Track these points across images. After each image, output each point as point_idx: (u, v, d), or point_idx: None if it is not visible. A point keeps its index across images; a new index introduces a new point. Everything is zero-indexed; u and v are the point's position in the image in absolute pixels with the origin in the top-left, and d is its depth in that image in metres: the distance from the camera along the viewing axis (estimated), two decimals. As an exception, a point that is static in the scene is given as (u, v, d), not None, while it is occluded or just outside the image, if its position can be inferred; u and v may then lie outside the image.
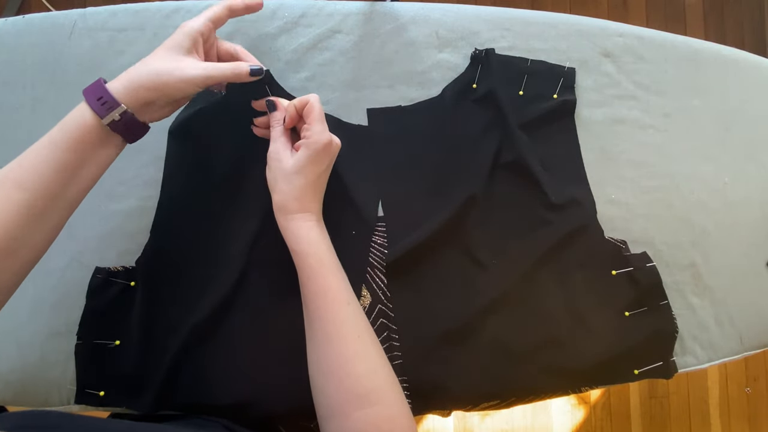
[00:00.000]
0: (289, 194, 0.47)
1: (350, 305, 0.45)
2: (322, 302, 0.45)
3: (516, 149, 0.55)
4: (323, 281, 0.45)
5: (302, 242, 0.46)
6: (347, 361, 0.42)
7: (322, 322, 0.44)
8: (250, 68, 0.47)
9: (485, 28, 0.59)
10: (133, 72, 0.44)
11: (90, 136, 0.42)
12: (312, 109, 0.47)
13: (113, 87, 0.43)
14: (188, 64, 0.45)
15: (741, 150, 0.64)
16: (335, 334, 0.43)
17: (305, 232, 0.47)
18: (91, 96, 0.42)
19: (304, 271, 0.46)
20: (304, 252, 0.46)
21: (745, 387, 1.56)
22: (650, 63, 0.61)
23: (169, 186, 0.54)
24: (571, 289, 0.55)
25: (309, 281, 0.46)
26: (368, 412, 0.40)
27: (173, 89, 0.44)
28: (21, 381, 0.52)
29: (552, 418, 1.47)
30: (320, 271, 0.45)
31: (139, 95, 0.43)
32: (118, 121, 0.43)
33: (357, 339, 0.43)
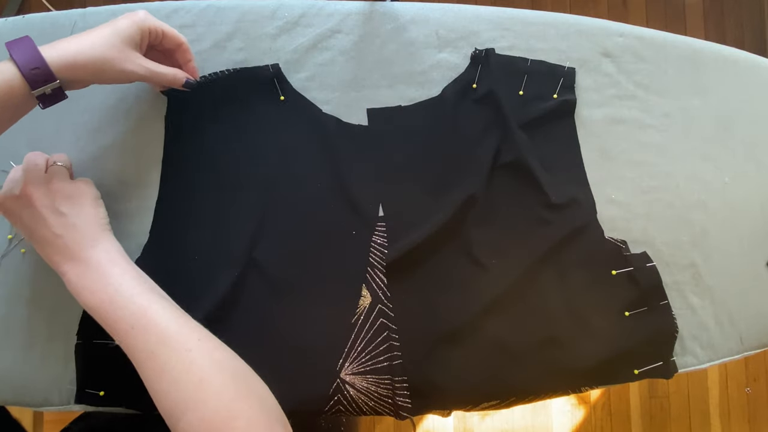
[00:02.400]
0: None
1: (134, 329, 0.41)
2: (114, 335, 0.42)
3: (516, 149, 0.55)
4: (105, 322, 0.42)
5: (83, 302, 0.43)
6: (151, 380, 0.40)
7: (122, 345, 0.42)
8: (186, 81, 0.50)
9: (485, 28, 0.59)
10: (75, 49, 0.42)
11: (12, 99, 0.41)
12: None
13: (50, 58, 0.41)
14: (132, 58, 0.45)
15: (741, 150, 0.64)
16: (135, 360, 0.41)
17: (77, 291, 0.43)
18: (25, 62, 0.40)
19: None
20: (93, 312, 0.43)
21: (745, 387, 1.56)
22: (650, 63, 0.61)
23: (167, 186, 0.54)
24: (571, 289, 0.55)
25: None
26: (185, 421, 0.38)
27: (109, 77, 0.45)
28: (21, 381, 0.52)
29: (552, 418, 1.47)
30: (97, 315, 0.42)
31: (74, 74, 0.42)
32: (47, 94, 0.42)
33: (149, 357, 0.40)
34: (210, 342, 0.43)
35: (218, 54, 0.56)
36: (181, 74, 0.50)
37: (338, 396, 0.51)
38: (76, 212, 0.45)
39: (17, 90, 0.40)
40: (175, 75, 0.49)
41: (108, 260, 0.44)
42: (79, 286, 0.43)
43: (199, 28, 0.56)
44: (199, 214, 0.53)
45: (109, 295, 0.42)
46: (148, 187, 0.54)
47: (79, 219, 0.45)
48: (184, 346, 0.41)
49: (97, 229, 0.46)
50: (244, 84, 0.55)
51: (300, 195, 0.54)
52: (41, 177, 0.45)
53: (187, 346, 0.41)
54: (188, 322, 0.43)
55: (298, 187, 0.54)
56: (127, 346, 0.41)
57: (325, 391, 0.51)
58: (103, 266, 0.44)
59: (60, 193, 0.45)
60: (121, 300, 0.42)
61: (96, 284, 0.43)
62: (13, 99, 0.41)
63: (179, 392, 0.39)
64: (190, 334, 0.42)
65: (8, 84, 0.40)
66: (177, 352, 0.41)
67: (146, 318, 0.41)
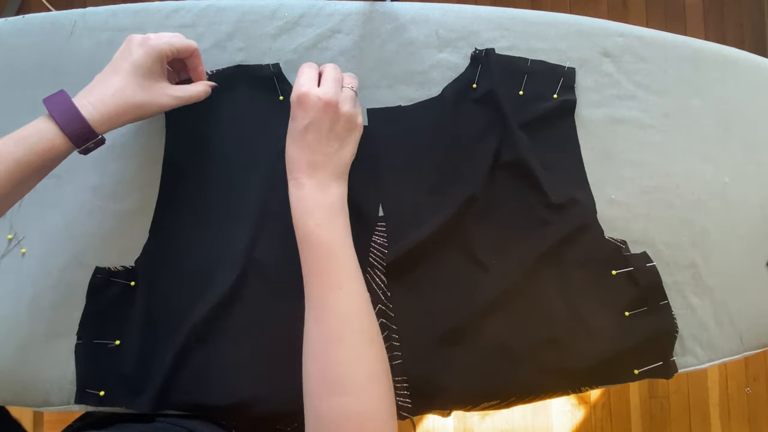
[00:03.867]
0: (286, 160, 0.46)
1: (342, 289, 0.43)
2: (312, 282, 0.43)
3: (516, 149, 0.55)
4: (312, 260, 0.44)
5: (295, 212, 0.45)
6: (326, 343, 0.41)
7: (311, 303, 0.43)
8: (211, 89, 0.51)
9: (485, 28, 0.59)
10: (110, 100, 0.43)
11: (56, 158, 0.43)
12: (299, 70, 0.48)
13: (91, 116, 0.43)
14: (161, 92, 0.46)
15: (741, 150, 0.64)
16: (320, 317, 0.42)
17: (293, 203, 0.45)
18: (66, 122, 0.42)
19: (299, 246, 0.45)
20: (295, 225, 0.45)
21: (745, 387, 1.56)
22: (650, 63, 0.61)
23: (167, 186, 0.54)
24: (571, 289, 0.55)
25: (301, 256, 0.44)
26: (339, 401, 0.39)
27: (144, 116, 0.46)
28: (21, 381, 0.52)
29: (552, 418, 1.47)
30: (308, 250, 0.44)
31: (114, 122, 0.44)
32: (90, 147, 0.44)
33: (341, 324, 0.41)
34: (383, 344, 0.44)
35: (218, 54, 0.56)
36: (205, 87, 0.51)
37: None
38: (346, 143, 0.48)
39: (59, 148, 0.42)
40: (205, 91, 0.50)
41: (342, 207, 0.46)
42: (309, 206, 0.44)
43: (199, 28, 0.56)
44: (199, 214, 0.53)
45: (332, 237, 0.44)
46: (148, 187, 0.54)
47: (344, 151, 0.47)
48: (371, 332, 0.43)
49: (345, 169, 0.48)
50: (243, 83, 0.55)
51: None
52: (340, 89, 0.47)
53: (371, 335, 0.43)
54: (373, 312, 0.45)
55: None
56: (321, 295, 0.43)
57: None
58: (340, 205, 0.46)
59: (348, 119, 0.47)
60: (342, 249, 0.44)
61: (329, 214, 0.45)
62: (56, 156, 0.43)
63: (349, 369, 0.40)
64: (377, 324, 0.44)
65: (50, 143, 0.42)
66: (362, 334, 0.42)
67: (355, 284, 0.44)
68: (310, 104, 0.45)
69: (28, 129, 0.42)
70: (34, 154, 0.41)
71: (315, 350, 0.41)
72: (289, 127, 0.47)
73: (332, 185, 0.46)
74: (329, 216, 0.45)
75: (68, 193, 0.54)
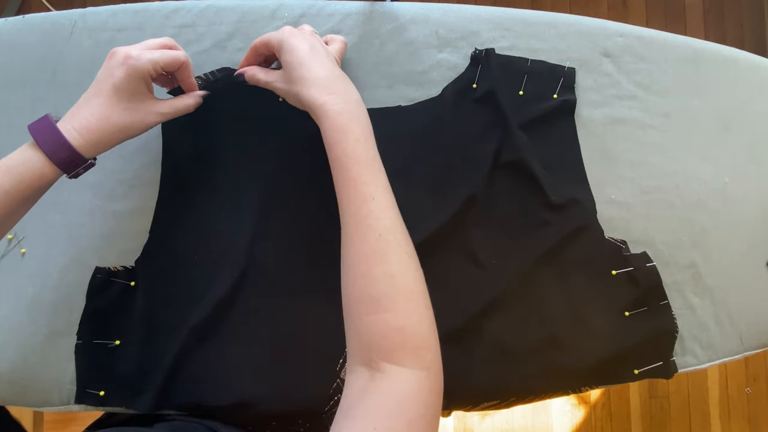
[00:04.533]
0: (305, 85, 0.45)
1: (375, 200, 0.41)
2: (345, 195, 0.42)
3: (516, 149, 0.55)
4: (346, 173, 0.42)
5: (331, 126, 0.43)
6: (364, 260, 0.40)
7: (345, 217, 0.42)
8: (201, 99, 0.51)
9: (485, 28, 0.59)
10: (93, 126, 0.43)
11: (46, 185, 0.44)
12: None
13: (77, 143, 0.42)
14: (147, 110, 0.46)
15: (741, 150, 0.64)
16: (355, 231, 0.41)
17: (333, 114, 0.43)
18: (55, 153, 0.42)
19: (331, 163, 0.44)
20: (332, 139, 0.43)
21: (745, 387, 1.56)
22: (650, 63, 0.61)
23: (167, 186, 0.54)
24: (571, 289, 0.55)
25: (334, 172, 0.43)
26: (379, 318, 0.38)
27: (134, 135, 0.46)
28: (21, 381, 0.52)
29: (552, 418, 1.47)
30: (344, 161, 0.43)
31: (101, 146, 0.44)
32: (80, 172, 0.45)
33: (377, 238, 0.40)
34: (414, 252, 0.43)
35: (218, 54, 0.56)
36: (195, 99, 0.50)
37: (338, 396, 0.51)
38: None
39: (48, 176, 0.43)
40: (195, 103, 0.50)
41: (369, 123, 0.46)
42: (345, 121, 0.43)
43: (199, 28, 0.56)
44: (199, 214, 0.53)
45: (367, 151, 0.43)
46: (148, 187, 0.54)
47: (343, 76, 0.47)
48: (407, 248, 0.42)
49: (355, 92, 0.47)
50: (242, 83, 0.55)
51: (299, 195, 0.54)
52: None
53: (408, 250, 0.42)
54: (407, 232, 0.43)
55: (298, 187, 0.54)
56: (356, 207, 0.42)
57: (325, 391, 0.51)
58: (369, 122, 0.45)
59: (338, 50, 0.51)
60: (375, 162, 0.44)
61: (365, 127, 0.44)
62: (46, 183, 0.43)
63: (387, 286, 0.39)
64: (411, 243, 0.43)
65: (39, 172, 0.42)
66: (399, 248, 0.41)
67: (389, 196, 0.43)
68: (302, 32, 0.47)
69: (14, 159, 0.42)
70: (22, 183, 0.41)
71: (352, 267, 0.41)
72: (293, 56, 0.45)
73: (357, 95, 0.46)
74: (366, 130, 0.44)
75: (68, 193, 0.54)
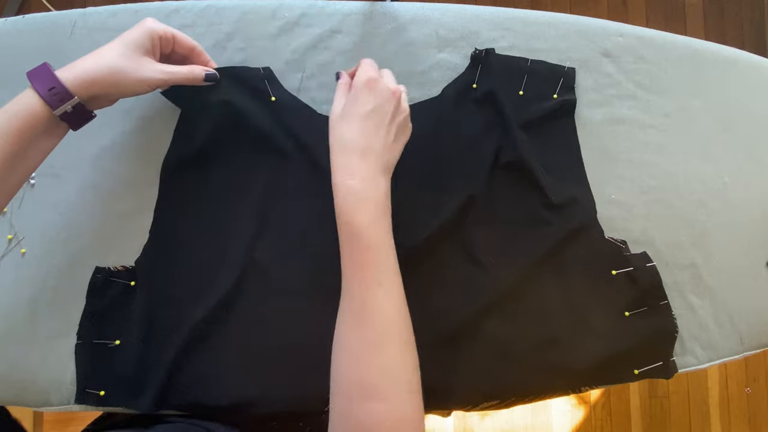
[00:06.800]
0: (334, 142, 0.44)
1: (382, 287, 0.41)
2: (352, 277, 0.41)
3: (516, 149, 0.55)
4: (356, 255, 0.42)
5: (343, 204, 0.42)
6: (362, 347, 0.40)
7: (352, 301, 0.41)
8: (205, 74, 0.50)
9: (485, 28, 0.59)
10: (88, 64, 0.43)
11: (38, 125, 0.42)
12: (362, 60, 0.47)
13: (65, 78, 0.42)
14: (145, 65, 0.45)
15: (741, 150, 0.64)
16: (356, 316, 0.41)
17: (342, 193, 0.42)
18: (41, 85, 0.42)
19: (339, 240, 0.43)
20: (342, 218, 0.42)
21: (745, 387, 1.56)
22: (650, 63, 0.61)
23: (168, 186, 0.54)
24: (571, 289, 0.55)
25: (342, 251, 0.42)
26: (372, 407, 0.38)
27: (127, 88, 0.45)
28: (21, 381, 0.52)
29: (552, 418, 1.47)
30: (351, 244, 0.42)
31: (92, 89, 0.43)
32: (69, 112, 0.43)
33: (383, 327, 0.40)
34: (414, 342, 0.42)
35: (218, 54, 0.56)
36: (198, 69, 0.49)
37: None
38: (398, 140, 0.47)
39: (40, 113, 0.42)
40: (192, 71, 0.49)
41: (387, 204, 0.44)
42: (359, 199, 0.42)
43: (199, 28, 0.56)
44: (198, 214, 0.53)
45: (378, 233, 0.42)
46: (148, 187, 0.54)
47: (396, 146, 0.47)
48: (409, 338, 0.41)
49: (392, 166, 0.46)
50: (236, 84, 0.54)
51: (298, 195, 0.54)
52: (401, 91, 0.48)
53: (410, 340, 0.41)
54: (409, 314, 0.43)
55: (297, 187, 0.54)
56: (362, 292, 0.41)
57: (325, 391, 0.51)
58: (387, 201, 0.44)
59: (406, 117, 0.48)
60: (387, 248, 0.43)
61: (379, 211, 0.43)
62: (37, 123, 0.42)
63: (386, 376, 0.39)
64: (411, 326, 0.42)
65: (30, 108, 0.42)
66: (401, 339, 0.41)
67: (396, 283, 0.42)
68: (378, 89, 0.45)
69: (11, 101, 0.42)
70: (15, 119, 0.41)
71: (353, 353, 0.40)
72: (346, 110, 0.45)
73: (381, 179, 0.44)
74: (377, 212, 0.43)
75: (68, 193, 0.54)
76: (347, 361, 0.40)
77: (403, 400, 0.39)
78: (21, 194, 0.54)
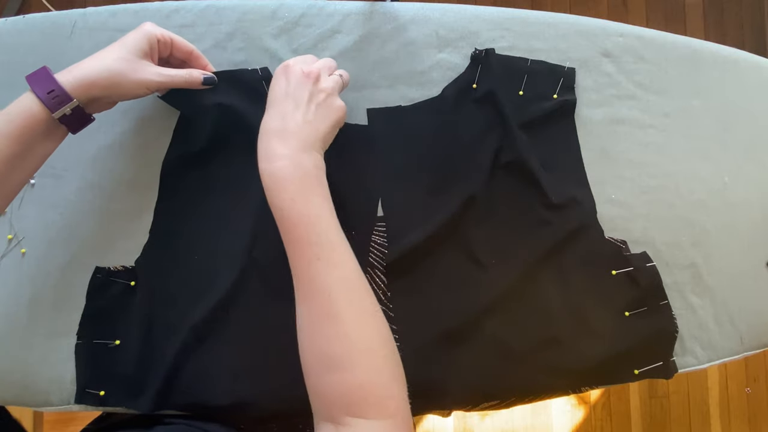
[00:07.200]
0: (259, 133, 0.44)
1: (320, 260, 0.41)
2: (291, 256, 0.42)
3: (516, 149, 0.55)
4: (287, 234, 0.42)
5: (267, 188, 0.43)
6: (317, 321, 0.40)
7: (296, 279, 0.42)
8: (203, 78, 0.50)
9: (485, 28, 0.59)
10: (87, 67, 0.44)
11: (38, 127, 0.43)
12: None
13: (64, 80, 0.42)
14: (144, 67, 0.46)
15: (741, 150, 0.64)
16: (304, 293, 0.41)
17: (264, 179, 0.43)
18: (40, 88, 0.42)
19: (276, 222, 0.43)
20: (269, 200, 0.43)
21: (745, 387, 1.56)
22: (650, 63, 0.61)
23: (167, 186, 0.54)
24: (571, 289, 0.55)
25: (281, 233, 0.43)
26: (337, 377, 0.38)
27: (125, 90, 0.45)
28: (21, 381, 0.52)
29: (552, 418, 1.47)
30: (282, 224, 0.42)
31: (91, 92, 0.43)
32: (68, 115, 0.43)
33: (327, 299, 0.40)
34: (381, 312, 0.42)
35: (218, 54, 0.56)
36: (196, 72, 0.50)
37: None
38: (321, 119, 0.46)
39: (39, 116, 0.42)
40: (191, 74, 0.49)
41: (317, 180, 0.44)
42: (280, 180, 0.42)
43: (199, 28, 0.56)
44: (199, 214, 0.54)
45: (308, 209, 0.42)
46: (148, 187, 0.54)
47: (318, 124, 0.45)
48: (364, 304, 0.41)
49: (319, 143, 0.46)
50: (234, 85, 0.54)
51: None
52: (327, 74, 0.48)
53: (365, 306, 0.41)
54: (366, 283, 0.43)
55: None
56: (303, 269, 0.41)
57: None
58: (314, 177, 0.44)
59: (328, 96, 0.46)
60: (318, 220, 0.42)
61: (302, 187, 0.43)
62: (37, 125, 0.42)
63: (341, 345, 0.39)
64: (370, 295, 0.42)
65: (29, 111, 0.42)
66: (356, 304, 0.40)
67: (336, 254, 0.42)
68: (292, 72, 0.45)
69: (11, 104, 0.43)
70: (13, 123, 0.41)
71: (306, 328, 0.41)
72: (269, 97, 0.46)
73: (304, 157, 0.43)
74: (302, 188, 0.43)
75: (68, 193, 0.54)
76: (304, 337, 0.41)
77: (367, 366, 0.39)
78: (21, 194, 0.54)
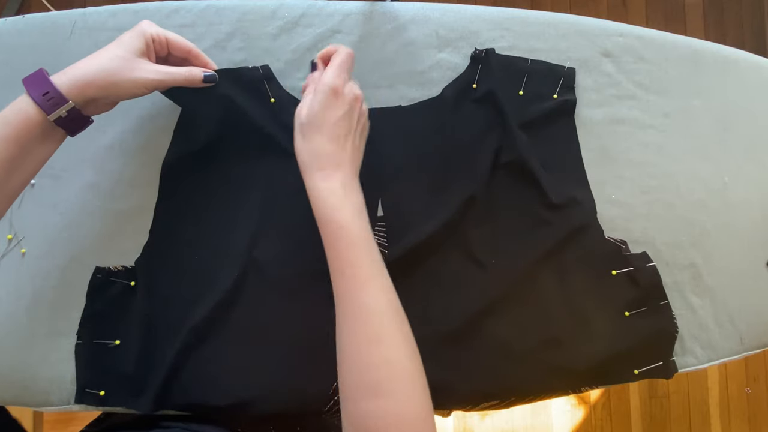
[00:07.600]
0: (304, 150, 0.44)
1: (372, 283, 0.41)
2: (341, 279, 0.41)
3: (516, 149, 0.55)
4: (342, 254, 0.42)
5: (323, 205, 0.43)
6: (361, 345, 0.39)
7: (341, 301, 0.41)
8: (204, 75, 0.48)
9: (485, 28, 0.59)
10: (82, 68, 0.43)
11: (34, 130, 0.42)
12: (335, 55, 0.46)
13: (59, 82, 0.42)
14: (141, 66, 0.45)
15: (741, 150, 0.64)
16: (352, 315, 0.40)
17: (324, 194, 0.43)
18: (35, 90, 0.41)
19: (324, 242, 0.43)
20: (321, 219, 0.42)
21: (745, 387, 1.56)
22: (650, 63, 0.61)
23: (167, 185, 0.54)
24: (571, 289, 0.55)
25: (328, 253, 0.42)
26: (376, 404, 0.37)
27: (122, 90, 0.44)
28: (21, 381, 0.52)
29: (552, 418, 1.47)
30: (338, 243, 0.42)
31: (87, 93, 0.43)
32: (64, 117, 0.43)
33: (375, 322, 0.40)
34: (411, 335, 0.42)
35: (218, 54, 0.56)
36: (197, 70, 0.48)
37: (338, 396, 0.51)
38: (362, 142, 0.48)
39: (34, 118, 0.42)
40: (191, 71, 0.48)
41: (363, 206, 0.45)
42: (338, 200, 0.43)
43: (199, 28, 0.56)
44: (199, 214, 0.54)
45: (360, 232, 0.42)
46: (148, 187, 0.54)
47: (362, 147, 0.48)
48: (404, 330, 0.41)
49: (359, 168, 0.47)
50: (235, 85, 0.54)
51: (298, 195, 0.54)
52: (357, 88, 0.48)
53: (405, 332, 0.41)
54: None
55: (297, 187, 0.54)
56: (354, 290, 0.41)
57: (325, 391, 0.51)
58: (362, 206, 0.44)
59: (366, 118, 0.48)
60: (374, 244, 0.43)
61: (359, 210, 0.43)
62: (33, 128, 0.42)
63: (385, 370, 0.38)
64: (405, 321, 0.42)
65: (25, 114, 0.41)
66: (397, 332, 0.40)
67: (386, 279, 0.42)
68: (345, 96, 0.45)
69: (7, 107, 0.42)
70: (9, 126, 0.41)
71: (346, 350, 0.40)
72: (317, 115, 0.44)
73: (355, 183, 0.45)
74: (357, 212, 0.43)
75: (68, 193, 0.54)
76: (346, 361, 0.40)
77: (406, 394, 0.38)
78: (21, 194, 0.54)
